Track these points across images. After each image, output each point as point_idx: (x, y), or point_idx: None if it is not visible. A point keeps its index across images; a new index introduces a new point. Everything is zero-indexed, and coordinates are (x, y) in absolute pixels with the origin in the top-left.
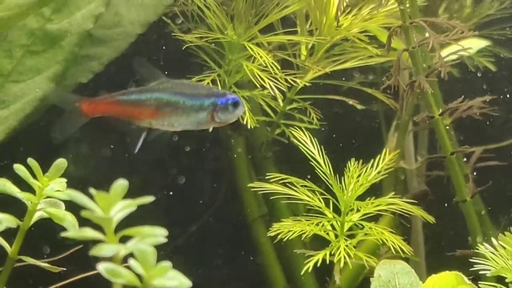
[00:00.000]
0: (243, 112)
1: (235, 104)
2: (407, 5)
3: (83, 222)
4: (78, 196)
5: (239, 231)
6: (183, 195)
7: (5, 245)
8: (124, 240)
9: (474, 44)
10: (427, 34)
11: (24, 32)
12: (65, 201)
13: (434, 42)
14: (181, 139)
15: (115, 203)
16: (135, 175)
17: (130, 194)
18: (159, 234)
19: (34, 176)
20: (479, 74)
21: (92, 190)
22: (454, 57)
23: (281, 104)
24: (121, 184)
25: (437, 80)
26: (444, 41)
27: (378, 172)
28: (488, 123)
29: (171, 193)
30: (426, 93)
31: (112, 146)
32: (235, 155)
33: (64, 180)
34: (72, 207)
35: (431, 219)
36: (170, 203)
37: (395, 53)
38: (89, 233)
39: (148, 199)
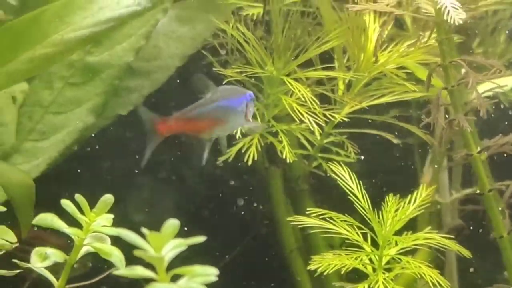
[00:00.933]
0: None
1: (253, 98)
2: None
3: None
4: (129, 235)
5: (275, 262)
6: (221, 225)
7: (53, 279)
8: (174, 278)
9: (510, 81)
10: (463, 70)
11: (64, 64)
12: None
13: (473, 80)
14: (220, 170)
15: (166, 242)
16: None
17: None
18: (210, 273)
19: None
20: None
21: (144, 230)
22: (489, 93)
23: (318, 137)
24: (172, 224)
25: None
26: (483, 80)
27: (416, 208)
28: None
29: (208, 223)
30: (464, 131)
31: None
32: (272, 187)
33: (111, 216)
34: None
35: (467, 253)
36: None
37: (431, 88)
38: (141, 271)
39: (200, 239)
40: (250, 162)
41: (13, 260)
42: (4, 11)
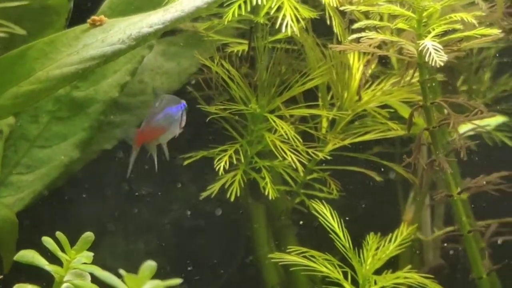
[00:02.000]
0: None
1: (186, 108)
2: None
3: None
4: (107, 276)
5: None
6: (203, 259)
7: None
8: None
9: (493, 121)
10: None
11: (50, 98)
12: None
13: (455, 122)
14: (201, 203)
15: (143, 284)
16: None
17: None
18: None
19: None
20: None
21: (121, 271)
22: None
23: (301, 174)
24: (149, 266)
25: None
26: (464, 121)
27: (397, 246)
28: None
29: (191, 256)
30: (445, 172)
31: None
32: (255, 222)
33: (91, 254)
34: None
35: None
36: (190, 266)
37: (414, 127)
38: None
39: (176, 281)
40: (232, 198)
41: None
42: None
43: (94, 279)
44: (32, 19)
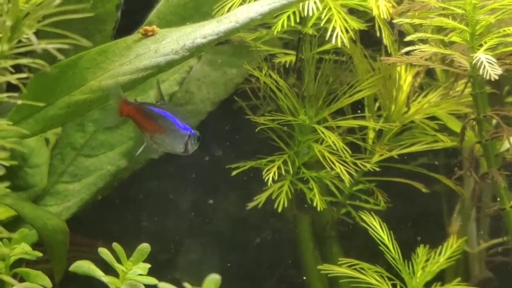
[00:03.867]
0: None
1: (199, 138)
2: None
3: None
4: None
5: None
6: (248, 269)
7: None
8: None
9: None
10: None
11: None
12: None
13: (508, 135)
14: (245, 212)
15: None
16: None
17: None
18: None
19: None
20: None
21: (186, 284)
22: None
23: (348, 185)
24: (214, 279)
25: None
26: None
27: (446, 259)
28: None
29: (236, 266)
30: (498, 185)
31: None
32: (300, 233)
33: (148, 265)
34: None
35: None
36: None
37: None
38: None
39: None
40: (280, 209)
41: None
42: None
43: None
44: (80, 28)
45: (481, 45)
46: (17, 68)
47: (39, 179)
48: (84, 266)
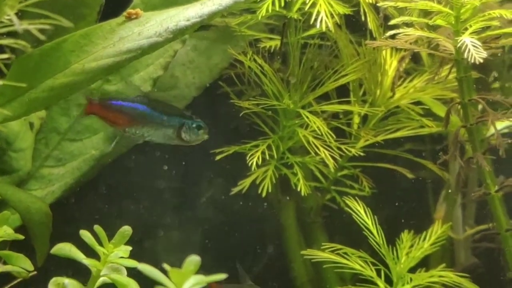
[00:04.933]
0: (206, 136)
1: (199, 127)
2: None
3: None
4: (151, 270)
5: None
6: (232, 255)
7: None
8: None
9: None
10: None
11: (81, 91)
12: None
13: (493, 119)
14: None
15: (187, 279)
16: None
17: None
18: None
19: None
20: None
21: (165, 265)
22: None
23: (332, 170)
24: (193, 260)
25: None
26: (502, 119)
27: (431, 245)
28: None
29: (219, 252)
30: (483, 169)
31: None
32: (284, 219)
33: (129, 248)
34: None
35: None
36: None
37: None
38: None
39: (220, 276)
40: (264, 194)
41: None
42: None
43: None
44: (65, 12)
45: (466, 29)
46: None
47: (24, 163)
48: (65, 249)
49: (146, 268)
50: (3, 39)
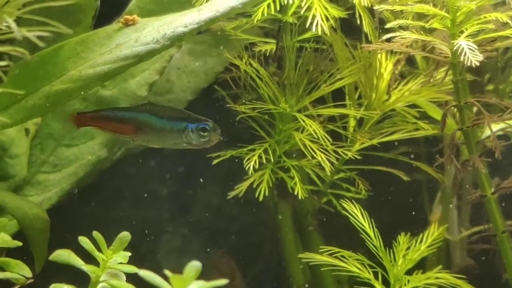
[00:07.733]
0: (218, 138)
1: (204, 129)
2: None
3: None
4: (152, 276)
5: None
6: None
7: None
8: None
9: None
10: (475, 108)
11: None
12: None
13: (489, 122)
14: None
15: (188, 284)
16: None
17: None
18: None
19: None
20: None
21: (166, 271)
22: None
23: (329, 173)
24: (194, 266)
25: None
26: (497, 121)
27: (428, 247)
28: None
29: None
30: (479, 172)
31: None
32: (281, 222)
33: (128, 253)
34: None
35: None
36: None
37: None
38: None
39: (222, 282)
40: (261, 198)
41: None
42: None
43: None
44: (60, 18)
45: (462, 32)
46: None
47: (19, 169)
48: (64, 255)
49: (148, 274)
50: (2, 46)
